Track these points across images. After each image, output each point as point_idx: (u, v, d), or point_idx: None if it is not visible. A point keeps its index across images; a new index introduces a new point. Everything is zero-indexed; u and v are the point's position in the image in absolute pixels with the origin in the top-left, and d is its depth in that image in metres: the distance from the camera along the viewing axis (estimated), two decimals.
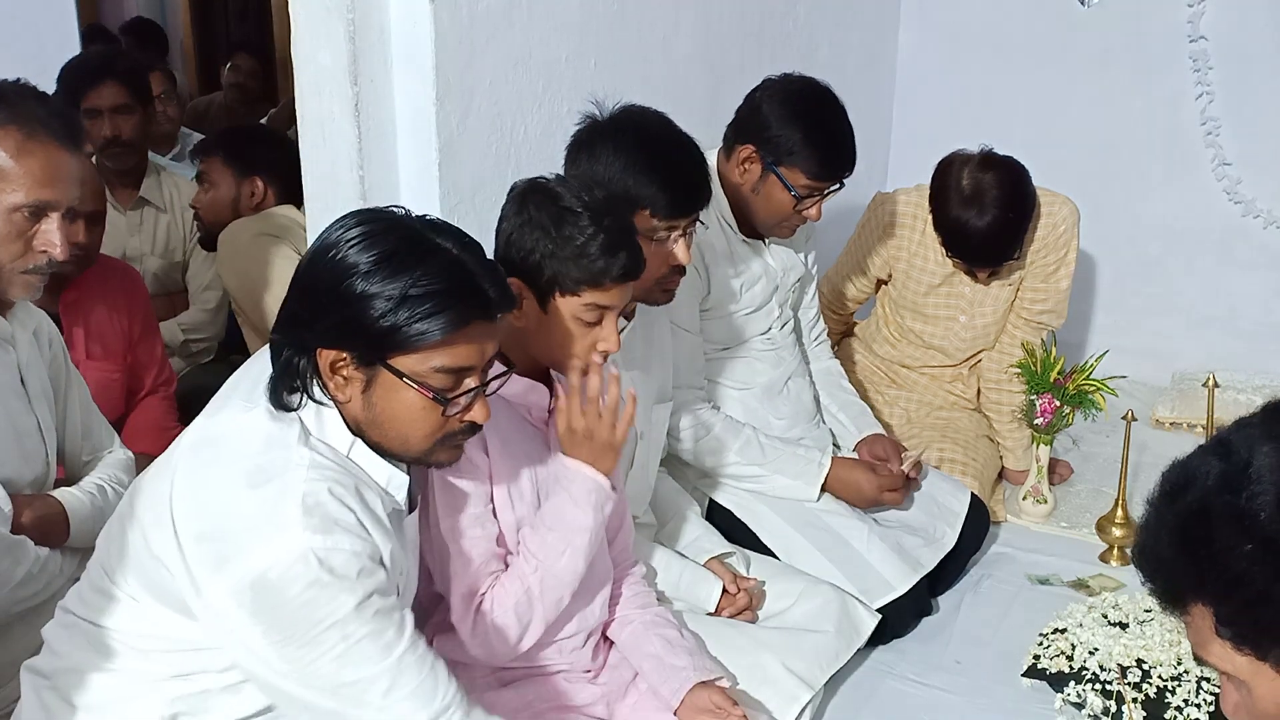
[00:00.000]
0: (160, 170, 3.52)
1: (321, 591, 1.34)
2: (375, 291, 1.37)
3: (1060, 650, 2.24)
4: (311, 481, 1.37)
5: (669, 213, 2.00)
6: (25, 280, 1.75)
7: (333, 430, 1.45)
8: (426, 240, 1.42)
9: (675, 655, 1.90)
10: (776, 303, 2.60)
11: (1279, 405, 1.16)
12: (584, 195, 1.75)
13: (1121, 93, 3.81)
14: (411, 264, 1.38)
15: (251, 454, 1.40)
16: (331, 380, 1.43)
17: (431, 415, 1.45)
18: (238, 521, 1.36)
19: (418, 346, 1.39)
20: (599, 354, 1.77)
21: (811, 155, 2.33)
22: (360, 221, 1.43)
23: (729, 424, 2.47)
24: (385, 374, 1.42)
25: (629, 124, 2.05)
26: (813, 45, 3.47)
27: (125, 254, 3.33)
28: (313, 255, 1.44)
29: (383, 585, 1.39)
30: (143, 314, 2.63)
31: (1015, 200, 2.77)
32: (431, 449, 1.49)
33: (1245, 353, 3.74)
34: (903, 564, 2.42)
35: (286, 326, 1.45)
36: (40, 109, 1.70)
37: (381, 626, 1.38)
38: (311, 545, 1.33)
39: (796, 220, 2.42)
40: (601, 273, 1.72)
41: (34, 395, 1.89)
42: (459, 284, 1.41)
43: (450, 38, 2.19)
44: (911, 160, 3.15)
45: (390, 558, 1.43)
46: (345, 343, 1.40)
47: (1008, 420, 3.08)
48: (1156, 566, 1.15)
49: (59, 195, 1.71)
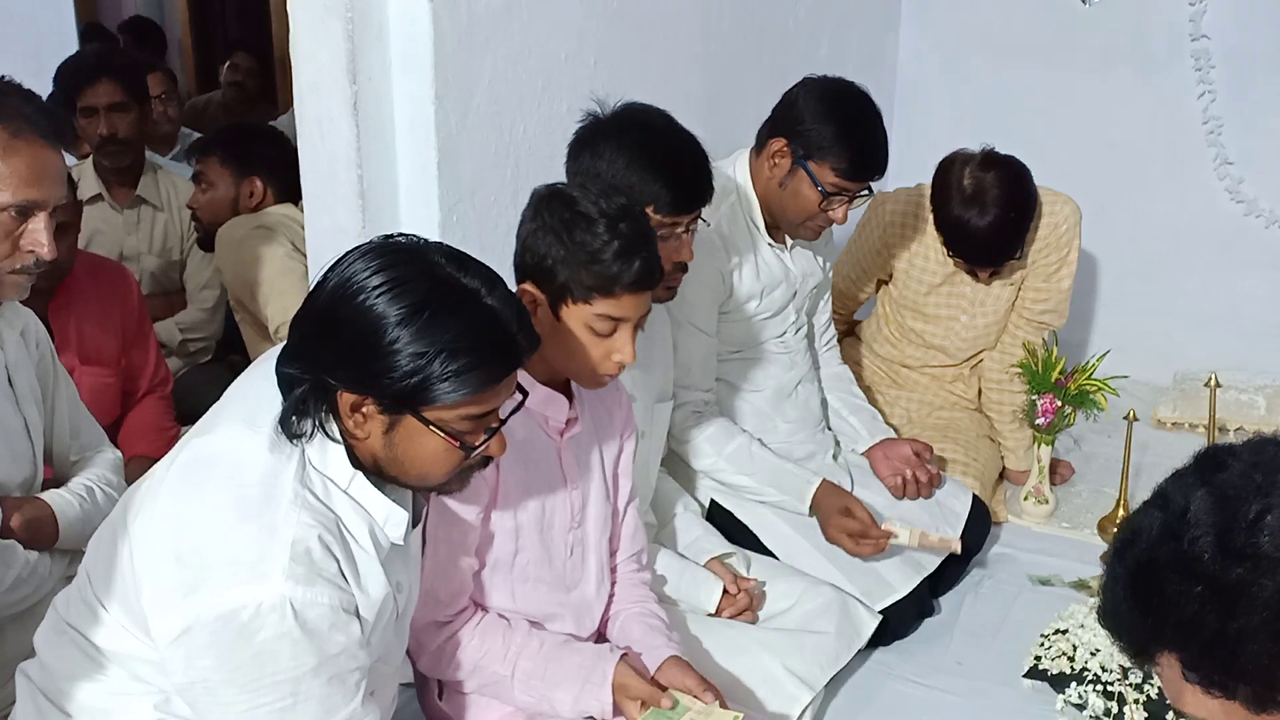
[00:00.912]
0: (157, 169, 3.51)
1: (290, 646, 1.33)
2: (408, 347, 1.34)
3: (1062, 651, 2.23)
4: (304, 526, 1.35)
5: (672, 209, 1.99)
6: (13, 281, 1.73)
7: (335, 464, 1.43)
8: (456, 287, 1.38)
9: (653, 636, 1.90)
10: (794, 308, 2.60)
11: (1211, 452, 1.19)
12: (601, 202, 1.72)
13: (1123, 92, 3.80)
14: (445, 317, 1.35)
15: (245, 483, 1.37)
16: (350, 419, 1.40)
17: (454, 456, 1.44)
18: (220, 552, 1.34)
19: (449, 402, 1.38)
20: (614, 364, 1.76)
21: (842, 153, 2.31)
22: (385, 265, 1.37)
23: (724, 427, 2.46)
24: (410, 420, 1.39)
25: (631, 121, 2.04)
26: (813, 45, 3.46)
27: (122, 253, 3.32)
28: (334, 295, 1.38)
29: (350, 644, 1.38)
30: (136, 315, 2.61)
31: (1016, 199, 2.76)
32: (448, 483, 1.49)
33: (1247, 352, 3.73)
34: (904, 565, 2.41)
35: (304, 363, 1.41)
36: (26, 106, 1.68)
37: (332, 691, 1.38)
38: (291, 596, 1.32)
39: (822, 220, 2.40)
40: (613, 280, 1.69)
41: (21, 396, 1.88)
42: (493, 340, 1.39)
43: (449, 36, 2.18)
44: (912, 160, 3.14)
45: (374, 603, 1.42)
46: (370, 389, 1.37)
47: (1009, 420, 3.08)
48: (1118, 623, 1.18)
49: (46, 194, 1.69)
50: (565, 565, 1.88)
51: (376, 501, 1.44)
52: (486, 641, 1.78)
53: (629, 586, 2.01)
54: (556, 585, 1.87)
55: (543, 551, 1.84)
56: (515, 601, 1.83)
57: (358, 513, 1.43)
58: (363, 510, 1.43)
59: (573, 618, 1.89)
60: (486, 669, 1.77)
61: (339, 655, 1.37)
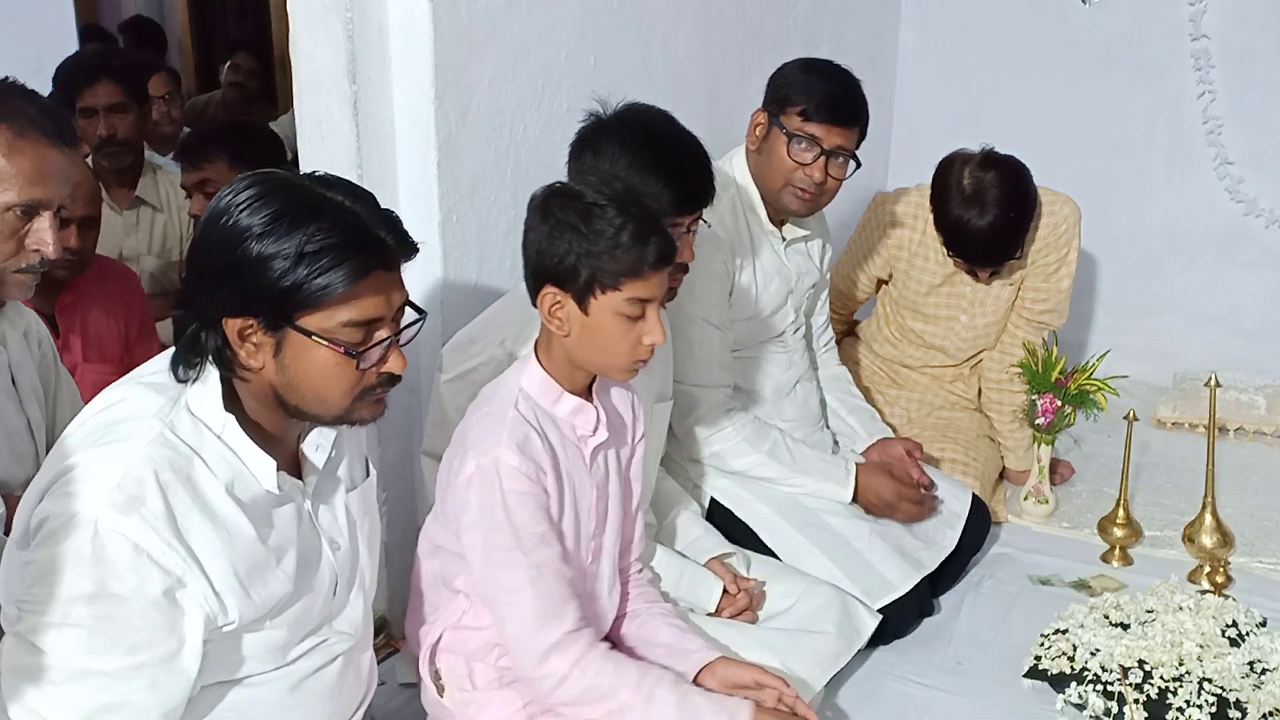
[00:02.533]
0: (157, 169, 3.51)
1: (74, 564, 1.32)
2: (271, 252, 1.36)
3: (1061, 651, 2.23)
4: (147, 460, 1.35)
5: (674, 209, 1.99)
6: (18, 280, 1.74)
7: (210, 408, 1.43)
8: (317, 196, 1.41)
9: (688, 640, 1.91)
10: (792, 306, 2.60)
11: None
12: (605, 190, 1.74)
13: (1123, 91, 3.80)
14: (304, 220, 1.37)
15: (110, 419, 1.41)
16: (242, 349, 1.41)
17: (346, 371, 1.43)
18: (61, 472, 1.36)
19: (321, 303, 1.38)
20: (646, 348, 1.76)
21: (808, 97, 2.35)
22: (249, 185, 1.40)
23: (757, 425, 2.48)
24: (294, 335, 1.40)
25: (634, 121, 2.04)
26: (813, 45, 3.46)
27: (122, 254, 3.32)
28: (205, 225, 1.41)
29: (143, 601, 1.34)
30: (140, 315, 2.62)
31: (1016, 199, 2.77)
32: (351, 406, 1.47)
33: (1247, 352, 3.74)
34: (904, 564, 2.41)
35: (188, 301, 1.43)
36: (29, 106, 1.69)
37: (100, 632, 1.33)
38: (100, 518, 1.32)
39: (802, 181, 2.39)
40: (639, 260, 1.70)
41: (24, 395, 1.88)
42: (355, 235, 1.40)
43: (449, 36, 2.19)
44: (912, 160, 3.15)
45: (238, 549, 1.41)
46: (249, 309, 1.39)
47: (1009, 420, 3.08)
48: None
49: (50, 193, 1.70)
50: (585, 572, 1.88)
51: (246, 447, 1.44)
52: (620, 670, 1.76)
53: (639, 586, 2.02)
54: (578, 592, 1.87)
55: (573, 560, 1.84)
56: None
57: (225, 458, 1.43)
58: (233, 455, 1.43)
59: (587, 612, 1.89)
60: (616, 698, 1.75)
61: (124, 598, 1.33)
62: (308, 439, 1.53)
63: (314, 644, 1.56)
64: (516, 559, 1.71)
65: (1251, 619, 2.31)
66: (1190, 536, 2.69)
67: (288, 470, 1.50)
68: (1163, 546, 2.79)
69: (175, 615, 1.37)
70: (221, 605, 1.40)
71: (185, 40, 6.35)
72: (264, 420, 1.48)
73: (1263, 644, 2.20)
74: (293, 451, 1.54)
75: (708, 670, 1.85)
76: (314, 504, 1.56)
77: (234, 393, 1.46)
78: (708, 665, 1.85)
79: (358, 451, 1.67)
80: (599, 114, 2.05)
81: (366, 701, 1.72)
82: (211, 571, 1.39)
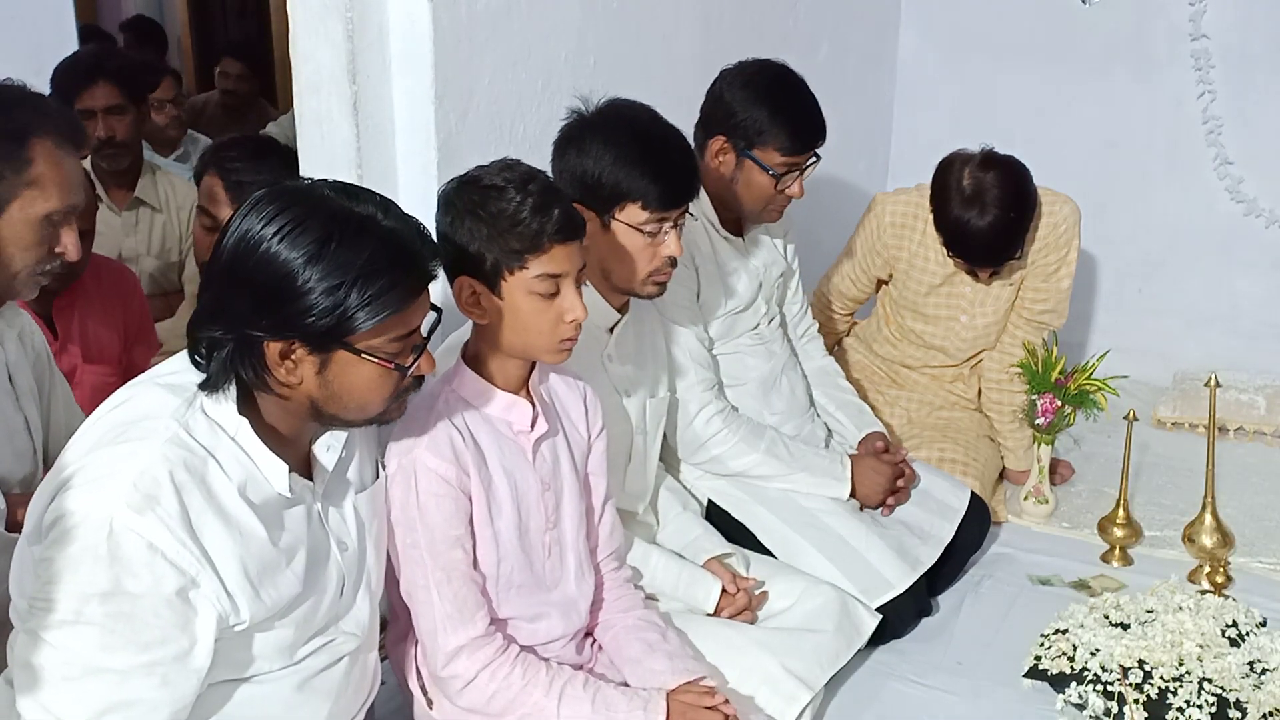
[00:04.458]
0: (155, 169, 3.50)
1: (91, 562, 1.32)
2: (321, 280, 1.37)
3: (1061, 651, 2.23)
4: (163, 459, 1.36)
5: (660, 204, 1.99)
6: (36, 281, 1.75)
7: (225, 411, 1.44)
8: (351, 214, 1.41)
9: (654, 659, 1.89)
10: (763, 299, 2.61)
11: None
12: (505, 173, 1.74)
13: (1123, 91, 3.80)
14: (349, 247, 1.38)
15: (125, 417, 1.41)
16: (281, 366, 1.42)
17: (389, 380, 1.48)
18: (77, 470, 1.37)
19: (374, 326, 1.41)
20: (569, 325, 1.75)
21: (781, 131, 2.34)
22: (277, 210, 1.39)
23: (752, 425, 2.48)
24: (342, 353, 1.43)
25: (617, 117, 2.04)
26: (813, 45, 3.46)
27: (121, 255, 3.32)
28: (236, 252, 1.40)
29: (157, 599, 1.34)
30: (138, 316, 2.62)
31: (1016, 200, 2.76)
32: (386, 409, 1.53)
33: (1247, 352, 3.74)
34: (902, 562, 2.41)
35: (223, 322, 1.41)
36: (59, 116, 1.71)
37: (115, 630, 1.33)
38: (115, 515, 1.32)
39: (781, 201, 2.43)
40: (538, 234, 1.69)
41: (21, 394, 1.89)
42: (402, 256, 1.43)
43: (449, 36, 2.18)
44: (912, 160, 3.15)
45: (250, 548, 1.41)
46: (295, 332, 1.40)
47: (1009, 420, 3.08)
48: None
49: (79, 199, 1.73)
50: (544, 566, 1.88)
51: (259, 450, 1.45)
52: (529, 672, 1.76)
53: (614, 587, 2.01)
54: (538, 587, 1.87)
55: (523, 556, 1.83)
56: (503, 609, 1.82)
57: (239, 460, 1.43)
58: (246, 457, 1.44)
59: (559, 615, 1.89)
60: (528, 700, 1.75)
61: (138, 596, 1.33)
62: (319, 441, 1.54)
63: (321, 644, 1.57)
64: (427, 560, 1.72)
65: (1251, 619, 2.31)
66: (1190, 536, 2.69)
67: (298, 471, 1.51)
68: (1163, 546, 2.79)
69: (188, 614, 1.37)
70: (233, 605, 1.41)
71: (185, 40, 6.35)
72: (280, 424, 1.49)
73: (1263, 644, 2.20)
74: (304, 452, 1.54)
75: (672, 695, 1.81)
76: (324, 505, 1.56)
77: (249, 395, 1.47)
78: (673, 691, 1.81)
79: (368, 453, 1.68)
80: (581, 111, 2.05)
81: (370, 700, 1.73)
82: (224, 572, 1.39)
